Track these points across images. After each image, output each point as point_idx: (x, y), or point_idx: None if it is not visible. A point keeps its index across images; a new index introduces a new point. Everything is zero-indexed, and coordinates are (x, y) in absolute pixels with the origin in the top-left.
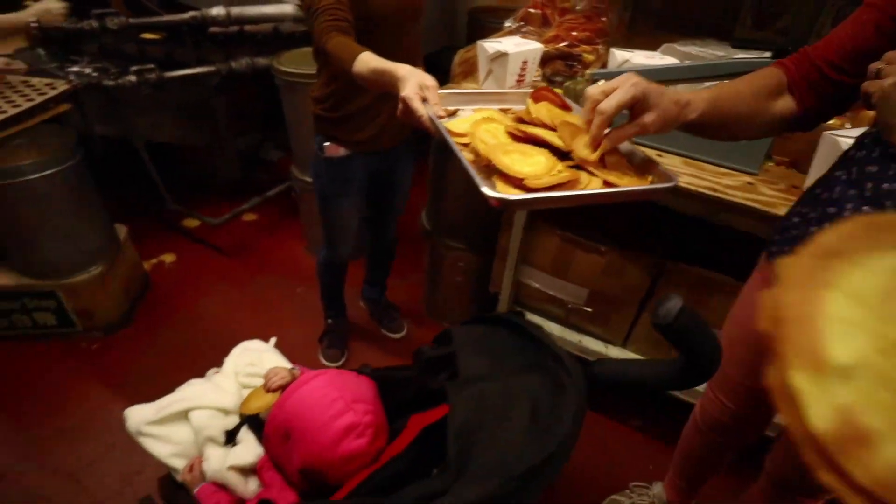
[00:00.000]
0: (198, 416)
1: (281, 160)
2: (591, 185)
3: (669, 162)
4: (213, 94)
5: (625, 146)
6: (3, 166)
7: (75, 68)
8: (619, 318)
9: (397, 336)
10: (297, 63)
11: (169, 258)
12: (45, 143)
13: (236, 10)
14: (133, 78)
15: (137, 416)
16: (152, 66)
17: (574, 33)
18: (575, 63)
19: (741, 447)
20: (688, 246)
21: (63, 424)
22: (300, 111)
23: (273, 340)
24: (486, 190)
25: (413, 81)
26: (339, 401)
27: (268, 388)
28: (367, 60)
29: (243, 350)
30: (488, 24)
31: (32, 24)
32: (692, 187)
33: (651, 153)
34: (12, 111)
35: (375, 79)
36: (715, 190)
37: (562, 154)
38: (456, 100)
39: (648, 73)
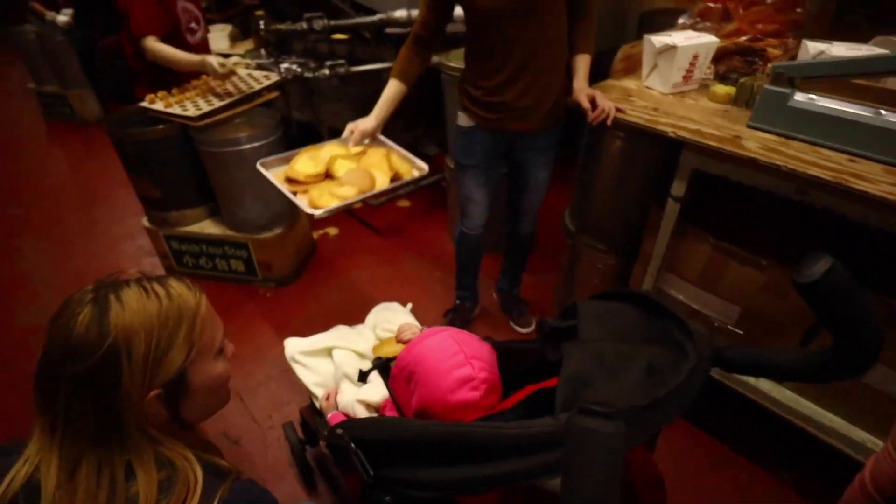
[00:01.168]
0: (339, 355)
1: (437, 155)
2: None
3: (866, 169)
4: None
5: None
6: (226, 137)
7: (285, 64)
8: (775, 346)
9: (524, 331)
10: (462, 60)
11: (333, 231)
12: (256, 122)
13: (416, 12)
14: (326, 71)
15: (294, 345)
16: (342, 61)
17: (759, 26)
18: (756, 59)
19: None
20: (876, 269)
21: (239, 352)
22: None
23: (409, 305)
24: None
25: (355, 122)
26: (460, 354)
27: (399, 339)
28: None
29: (383, 308)
30: (662, 27)
31: (261, 30)
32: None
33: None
34: (238, 95)
35: None
36: None
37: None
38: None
39: (851, 64)
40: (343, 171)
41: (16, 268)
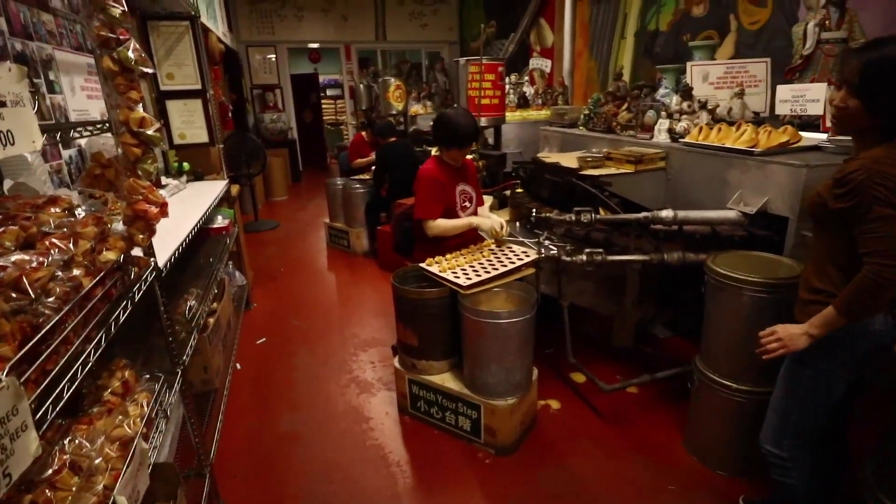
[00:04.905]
0: None
1: (667, 339)
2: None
3: None
4: (631, 273)
5: None
6: (486, 309)
7: (544, 242)
8: None
9: None
10: (731, 265)
11: (555, 404)
12: (515, 296)
13: (683, 213)
14: (583, 257)
15: None
16: (601, 250)
17: None
18: None
19: None
20: None
21: None
22: (726, 312)
23: None
24: None
25: None
26: None
27: None
28: None
29: None
30: None
31: (532, 216)
32: None
33: None
34: (501, 269)
35: None
36: None
37: None
38: None
39: None
40: None
41: (288, 375)
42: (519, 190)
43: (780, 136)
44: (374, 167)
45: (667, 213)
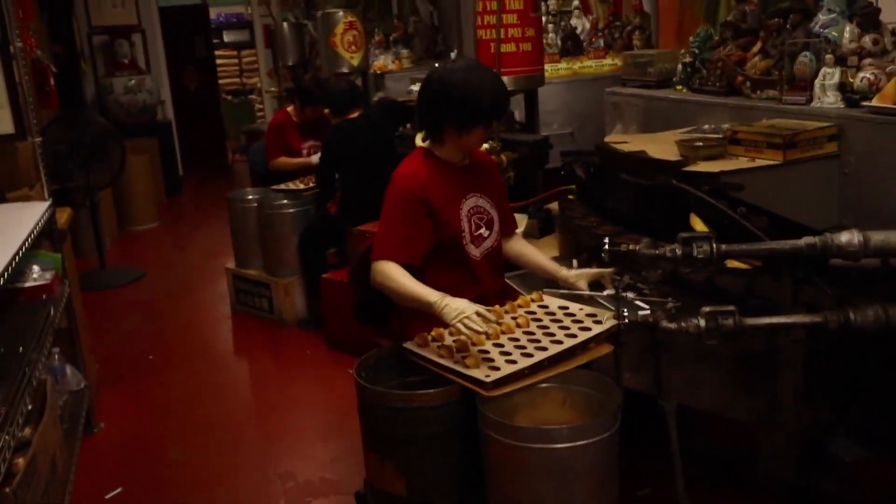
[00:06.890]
0: None
1: (861, 463)
2: None
3: None
4: (790, 347)
5: None
6: (529, 423)
7: (623, 292)
8: None
9: None
10: None
11: None
12: (575, 394)
13: (879, 237)
14: (701, 322)
15: None
16: (732, 307)
17: None
18: None
19: None
20: None
21: None
22: None
23: None
24: None
25: None
26: None
27: None
28: None
29: None
30: None
31: (603, 250)
32: None
33: None
34: (553, 348)
35: None
36: None
37: None
38: None
39: None
40: None
41: None
42: (571, 196)
43: None
44: (317, 166)
45: (849, 237)
